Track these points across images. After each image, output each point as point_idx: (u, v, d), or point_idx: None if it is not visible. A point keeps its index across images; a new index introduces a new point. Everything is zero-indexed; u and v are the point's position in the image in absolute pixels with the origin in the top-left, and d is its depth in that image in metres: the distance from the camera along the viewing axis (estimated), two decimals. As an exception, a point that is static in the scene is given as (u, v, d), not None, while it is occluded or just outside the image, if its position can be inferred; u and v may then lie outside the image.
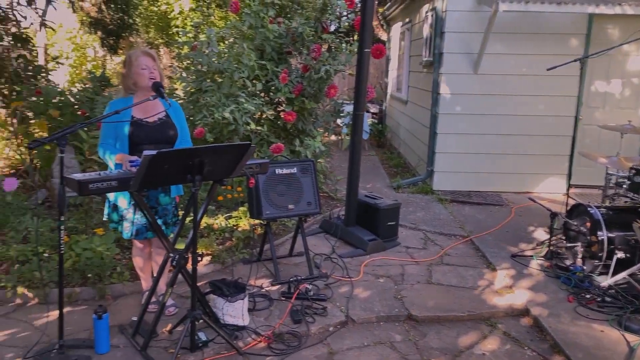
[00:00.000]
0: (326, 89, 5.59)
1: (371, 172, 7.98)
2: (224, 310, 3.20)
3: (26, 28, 6.69)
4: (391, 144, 10.49)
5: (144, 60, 3.07)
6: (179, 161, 2.54)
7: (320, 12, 5.86)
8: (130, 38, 9.85)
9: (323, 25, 5.87)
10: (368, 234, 4.67)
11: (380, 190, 6.58)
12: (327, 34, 5.90)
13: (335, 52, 5.82)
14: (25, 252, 3.90)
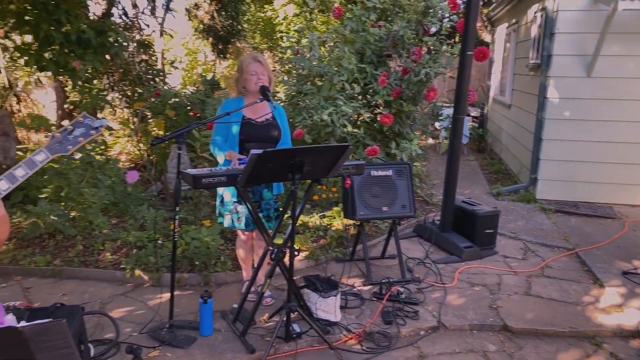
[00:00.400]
0: (425, 92, 5.54)
1: (469, 177, 7.76)
2: (317, 305, 3.32)
3: (148, 35, 7.36)
4: (492, 149, 10.10)
5: (253, 67, 3.28)
6: (281, 160, 2.68)
7: (422, 15, 5.82)
8: (237, 43, 10.42)
9: (424, 28, 5.82)
10: (464, 241, 4.57)
11: (478, 197, 6.38)
12: (428, 37, 5.84)
13: (435, 54, 5.75)
14: (142, 239, 4.32)
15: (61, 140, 1.67)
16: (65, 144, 1.67)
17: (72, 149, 1.68)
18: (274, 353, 3.01)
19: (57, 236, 4.34)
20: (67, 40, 3.69)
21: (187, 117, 5.94)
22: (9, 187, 1.62)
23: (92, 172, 4.35)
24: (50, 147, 1.65)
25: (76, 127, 1.68)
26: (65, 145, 1.66)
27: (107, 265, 4.02)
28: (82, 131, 1.69)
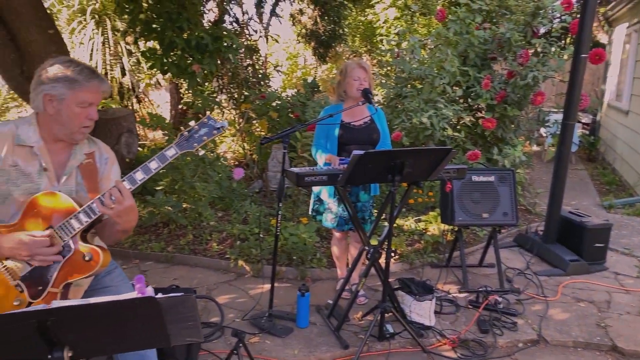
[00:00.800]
0: (532, 96, 5.31)
1: (578, 187, 7.27)
2: (411, 308, 3.33)
3: (255, 40, 7.76)
4: (604, 158, 9.36)
5: (357, 72, 3.36)
6: (382, 161, 2.73)
7: (531, 16, 5.58)
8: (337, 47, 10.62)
9: (533, 29, 5.58)
10: (569, 254, 4.31)
11: (587, 209, 5.97)
12: (536, 39, 5.59)
13: (544, 57, 5.48)
14: (245, 232, 4.58)
15: (188, 138, 1.85)
16: (191, 142, 1.85)
17: (197, 146, 1.86)
18: (367, 351, 3.07)
19: (170, 225, 4.74)
20: (188, 45, 4.02)
21: (288, 119, 6.19)
22: (143, 178, 1.83)
23: (203, 168, 4.69)
24: (179, 143, 1.85)
25: (201, 127, 1.86)
26: (191, 143, 1.85)
27: (213, 255, 4.32)
28: (206, 131, 1.86)
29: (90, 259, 1.78)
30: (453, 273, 4.17)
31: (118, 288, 2.12)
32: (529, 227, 5.12)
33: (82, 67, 1.86)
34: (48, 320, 1.24)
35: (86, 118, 1.88)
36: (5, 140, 1.84)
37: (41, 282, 1.77)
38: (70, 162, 1.94)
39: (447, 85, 5.46)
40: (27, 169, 1.85)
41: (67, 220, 1.77)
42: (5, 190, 1.82)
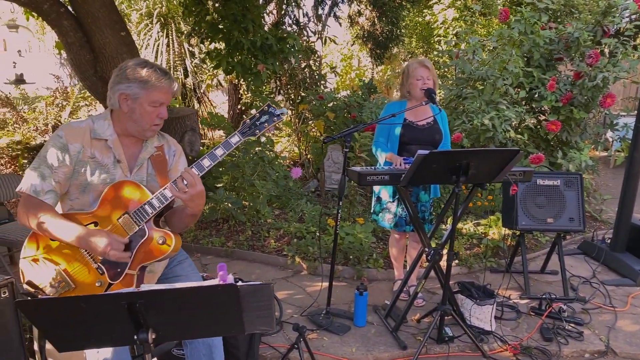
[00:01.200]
0: (601, 98, 5.08)
1: (647, 195, 6.87)
2: (471, 312, 3.27)
3: (313, 42, 7.84)
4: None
5: (420, 72, 3.33)
6: (447, 162, 2.70)
7: (602, 15, 5.34)
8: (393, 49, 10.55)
9: (604, 28, 5.34)
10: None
11: (658, 217, 5.65)
12: (607, 38, 5.35)
13: (615, 57, 5.23)
14: (301, 230, 4.64)
15: (250, 125, 1.94)
16: (253, 129, 1.95)
17: (259, 133, 1.96)
18: (425, 353, 3.04)
19: (230, 221, 4.87)
20: (253, 46, 4.13)
21: (345, 119, 6.21)
22: (210, 164, 1.94)
23: (262, 166, 4.79)
24: (242, 131, 1.95)
25: (262, 115, 1.94)
26: (253, 130, 1.94)
27: (271, 251, 4.40)
28: (267, 118, 1.95)
29: (164, 242, 1.88)
30: (514, 278, 4.05)
31: (188, 277, 2.21)
32: (595, 234, 4.90)
33: (155, 69, 1.96)
34: (137, 302, 1.31)
35: (157, 117, 2.00)
36: (83, 134, 1.98)
37: (119, 265, 1.88)
38: (141, 154, 2.07)
39: (510, 87, 5.33)
40: (103, 160, 1.99)
41: (142, 206, 1.89)
42: (85, 180, 1.96)
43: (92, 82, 5.18)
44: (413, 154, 3.31)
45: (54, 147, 1.92)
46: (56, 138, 1.94)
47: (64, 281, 1.85)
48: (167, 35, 7.78)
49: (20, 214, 1.89)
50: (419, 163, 2.64)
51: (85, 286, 1.89)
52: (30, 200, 1.88)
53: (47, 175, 1.90)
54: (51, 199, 1.91)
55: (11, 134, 6.83)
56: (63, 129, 1.97)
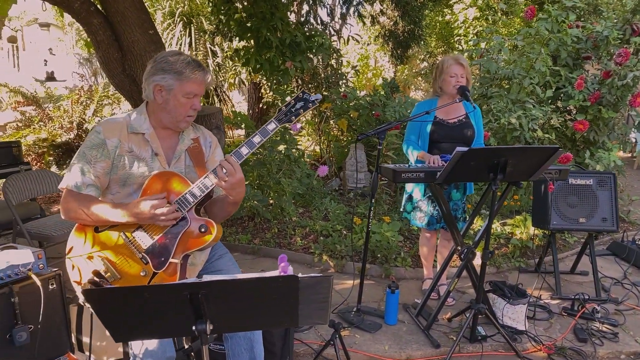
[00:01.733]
0: (630, 97, 5.01)
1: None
2: (503, 311, 3.24)
3: (334, 41, 7.84)
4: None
5: (454, 69, 3.30)
6: (485, 159, 2.68)
7: (632, 13, 5.27)
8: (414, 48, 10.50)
9: (633, 27, 5.27)
10: (673, 265, 4.04)
11: (688, 219, 5.56)
12: (636, 37, 5.27)
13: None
14: (327, 228, 4.64)
15: (286, 112, 1.96)
16: (289, 115, 1.98)
17: (295, 119, 1.99)
18: (458, 352, 3.02)
19: (255, 219, 4.89)
20: (282, 43, 4.15)
21: (368, 118, 6.20)
22: (248, 152, 1.96)
23: (288, 164, 4.80)
24: (278, 118, 1.97)
25: (297, 101, 1.96)
26: (289, 117, 1.98)
27: (297, 249, 4.41)
28: (302, 104, 1.97)
29: (206, 230, 1.89)
30: (543, 278, 4.01)
31: (229, 271, 2.23)
32: (625, 235, 4.83)
33: (189, 60, 1.98)
34: (200, 292, 1.32)
35: (191, 108, 2.01)
36: (121, 129, 2.01)
37: (163, 254, 1.90)
38: (179, 146, 2.09)
39: (537, 86, 5.28)
40: (141, 154, 2.01)
41: (183, 195, 1.91)
42: (124, 174, 1.99)
43: (120, 80, 5.24)
44: (444, 152, 3.32)
45: (92, 143, 1.96)
46: (94, 134, 1.98)
47: (109, 272, 1.87)
48: (190, 34, 7.83)
49: (64, 208, 1.93)
50: (457, 160, 2.62)
51: (130, 276, 1.91)
52: (73, 195, 1.92)
53: (87, 171, 1.94)
54: (92, 192, 1.94)
55: (37, 132, 6.94)
56: (101, 124, 2.01)
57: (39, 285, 1.92)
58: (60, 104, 7.64)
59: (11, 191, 3.55)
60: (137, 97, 5.39)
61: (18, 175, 3.63)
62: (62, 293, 2.06)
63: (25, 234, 3.52)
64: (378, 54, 15.25)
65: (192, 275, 2.12)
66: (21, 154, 4.43)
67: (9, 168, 4.32)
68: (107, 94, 7.83)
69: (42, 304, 1.90)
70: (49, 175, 3.87)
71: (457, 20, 9.78)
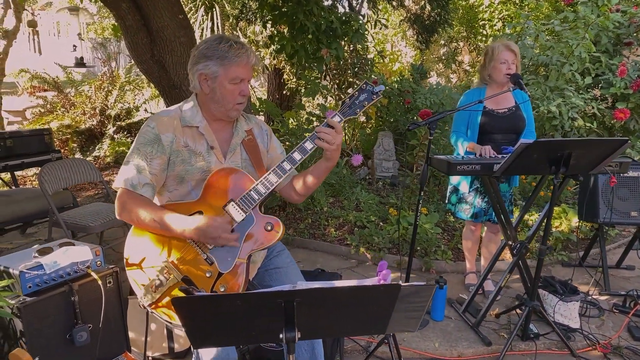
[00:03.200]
0: (675, 85, 4.83)
1: None
2: (555, 308, 3.13)
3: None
4: None
5: (505, 55, 3.15)
6: (549, 152, 2.55)
7: (678, -4, 5.06)
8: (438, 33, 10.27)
9: (679, 11, 5.06)
10: None
11: None
12: (682, 22, 5.07)
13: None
14: (361, 219, 4.54)
15: (350, 105, 1.86)
16: (354, 108, 1.88)
17: (360, 111, 1.89)
18: (511, 350, 2.93)
19: (287, 208, 4.79)
20: (318, 29, 4.01)
21: (397, 106, 6.06)
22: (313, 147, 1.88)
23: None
24: (342, 111, 1.87)
25: (360, 93, 1.87)
26: (354, 109, 1.89)
27: (332, 240, 4.32)
28: (366, 96, 1.89)
29: (272, 228, 1.81)
30: (588, 273, 3.89)
31: (288, 269, 2.13)
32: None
33: (231, 43, 1.85)
34: (294, 300, 1.22)
35: (239, 94, 1.89)
36: (173, 122, 1.90)
37: (229, 254, 1.81)
38: (234, 139, 1.98)
39: (576, 72, 5.10)
40: (197, 148, 1.90)
41: (248, 193, 1.81)
42: (182, 170, 1.88)
43: (148, 66, 5.12)
44: (495, 143, 3.20)
45: (146, 139, 1.85)
46: (147, 129, 1.87)
47: (173, 273, 1.79)
48: (212, 18, 7.68)
49: (119, 209, 1.83)
50: (519, 152, 2.50)
51: (194, 278, 1.82)
52: (129, 195, 1.82)
53: (143, 168, 1.83)
54: (148, 192, 1.84)
55: (61, 118, 6.87)
56: (153, 119, 1.90)
57: (100, 284, 1.84)
58: (82, 90, 7.56)
59: (47, 180, 3.48)
60: (166, 83, 5.28)
61: (53, 164, 3.56)
62: (119, 291, 1.99)
63: (61, 224, 3.46)
64: (395, 38, 14.98)
65: (253, 272, 2.03)
66: (52, 141, 4.35)
67: (41, 156, 4.25)
68: (128, 80, 7.73)
69: (103, 302, 1.82)
70: (84, 164, 3.79)
71: (482, 4, 9.53)
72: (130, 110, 7.26)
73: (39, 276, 1.73)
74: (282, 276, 2.09)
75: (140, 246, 1.84)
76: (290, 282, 2.08)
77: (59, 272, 1.78)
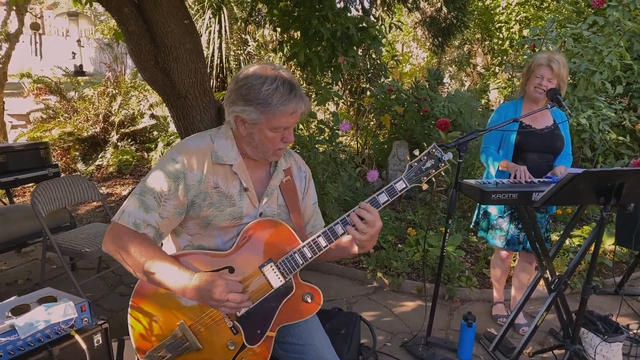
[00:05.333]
0: None
1: None
2: (597, 349, 2.82)
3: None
4: None
5: (542, 71, 2.85)
6: (598, 182, 2.26)
7: None
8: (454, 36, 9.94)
9: None
10: None
11: None
12: None
13: None
14: (378, 239, 4.24)
15: (416, 171, 1.58)
16: (419, 175, 1.62)
17: (425, 180, 1.63)
18: (549, 397, 2.63)
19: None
20: (333, 36, 3.73)
21: (414, 115, 5.76)
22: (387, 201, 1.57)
23: (334, 168, 4.41)
24: (408, 177, 1.61)
25: (429, 158, 1.58)
26: (420, 177, 1.62)
27: (347, 263, 4.03)
28: (432, 163, 1.63)
29: (312, 299, 1.53)
30: (626, 302, 3.58)
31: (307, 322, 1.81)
32: None
33: (277, 85, 1.50)
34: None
35: (281, 141, 1.58)
36: (204, 158, 1.57)
37: (259, 325, 1.53)
38: (272, 181, 1.67)
39: (606, 81, 4.78)
40: (228, 190, 1.59)
41: (291, 254, 1.53)
42: (209, 215, 1.57)
43: (152, 74, 4.85)
44: (531, 163, 2.90)
45: (166, 174, 1.53)
46: (170, 162, 1.54)
47: (188, 340, 1.51)
48: (219, 22, 7.42)
49: (108, 244, 1.51)
50: (566, 183, 2.20)
51: (213, 348, 1.54)
52: (128, 232, 1.49)
53: (152, 208, 1.50)
54: (150, 234, 1.52)
55: (63, 125, 6.63)
56: (180, 151, 1.57)
57: (85, 348, 1.56)
58: (85, 95, 7.32)
59: (40, 201, 3.22)
60: (171, 92, 5.00)
61: (47, 184, 3.29)
62: (109, 349, 1.71)
63: (55, 249, 3.19)
64: (406, 38, 14.65)
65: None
66: (49, 155, 4.09)
67: (37, 171, 3.99)
68: (133, 85, 7.48)
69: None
70: (81, 182, 3.52)
71: (499, 5, 9.20)
72: (134, 116, 7.00)
73: (12, 342, 1.46)
74: (302, 331, 1.75)
75: (153, 293, 1.55)
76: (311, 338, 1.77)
77: (36, 335, 1.51)
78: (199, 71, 5.00)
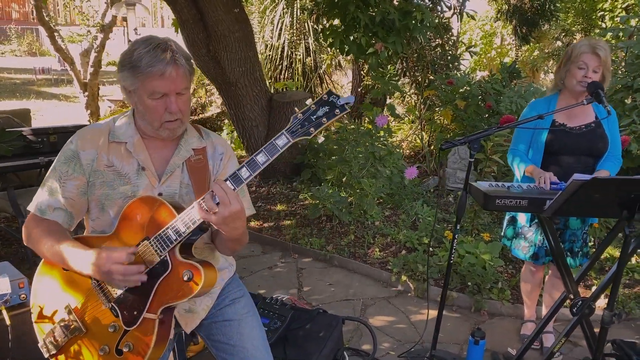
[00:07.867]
0: None
1: None
2: (630, 388, 2.41)
3: (447, 18, 6.94)
4: None
5: (586, 58, 2.43)
6: (615, 191, 1.90)
7: None
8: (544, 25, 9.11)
9: None
10: None
11: None
12: None
13: None
14: (412, 240, 4.00)
15: (302, 121, 1.38)
16: (307, 127, 1.40)
17: (315, 131, 1.40)
18: None
19: (333, 221, 4.39)
20: (372, 22, 3.53)
21: (477, 109, 5.34)
22: (249, 176, 1.41)
23: (373, 163, 4.22)
24: (292, 129, 1.40)
25: (320, 107, 1.36)
26: (307, 128, 1.40)
27: (374, 262, 3.84)
28: (326, 110, 1.38)
29: (190, 278, 1.41)
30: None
31: (242, 322, 1.73)
32: None
33: (150, 48, 1.43)
34: None
35: (166, 111, 1.49)
36: (99, 137, 1.57)
37: (135, 306, 1.46)
38: (173, 158, 1.60)
39: None
40: (123, 169, 1.56)
41: (164, 231, 1.43)
42: (101, 195, 1.56)
43: (204, 62, 4.99)
44: (565, 167, 2.53)
45: (64, 157, 1.56)
46: (67, 144, 1.58)
47: (75, 322, 1.50)
48: (292, 14, 7.44)
49: (25, 237, 1.56)
50: (572, 192, 1.87)
51: (96, 331, 1.51)
52: (36, 221, 1.54)
53: (55, 190, 1.54)
54: (59, 217, 1.54)
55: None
56: (77, 134, 1.59)
57: (8, 324, 1.60)
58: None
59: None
60: (222, 80, 5.12)
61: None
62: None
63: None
64: (505, 31, 13.72)
65: (190, 325, 1.68)
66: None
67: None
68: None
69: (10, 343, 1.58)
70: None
71: (602, -8, 8.26)
72: (204, 104, 7.26)
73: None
74: (233, 331, 1.71)
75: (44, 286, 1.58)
76: (242, 340, 1.70)
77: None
78: (249, 60, 5.06)
